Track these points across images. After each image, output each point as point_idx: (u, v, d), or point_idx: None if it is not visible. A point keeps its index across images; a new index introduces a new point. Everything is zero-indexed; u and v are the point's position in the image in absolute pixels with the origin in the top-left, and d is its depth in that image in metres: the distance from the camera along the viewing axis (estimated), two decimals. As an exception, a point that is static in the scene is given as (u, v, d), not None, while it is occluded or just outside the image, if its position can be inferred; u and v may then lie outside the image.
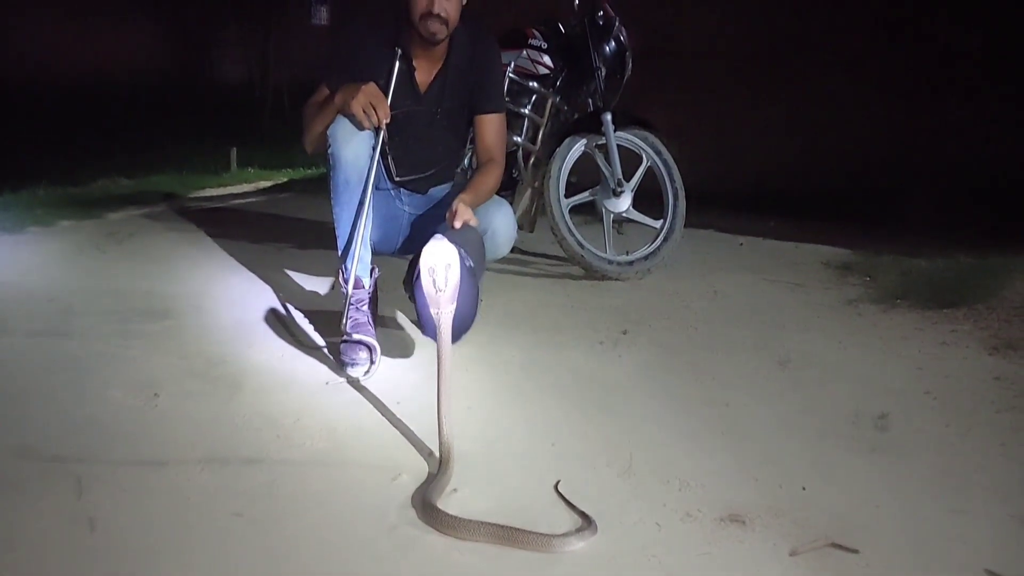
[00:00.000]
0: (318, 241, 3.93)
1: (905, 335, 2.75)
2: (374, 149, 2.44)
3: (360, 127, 2.41)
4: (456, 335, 2.03)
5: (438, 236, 1.89)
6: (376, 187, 2.50)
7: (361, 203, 2.45)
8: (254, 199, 5.86)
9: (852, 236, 4.19)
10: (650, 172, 3.62)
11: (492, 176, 2.59)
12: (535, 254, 3.88)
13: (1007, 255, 3.43)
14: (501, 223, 2.54)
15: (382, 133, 2.45)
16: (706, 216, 4.27)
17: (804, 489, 1.73)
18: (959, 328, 2.79)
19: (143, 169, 6.73)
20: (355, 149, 2.43)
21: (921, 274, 3.40)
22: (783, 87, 5.40)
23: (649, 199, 3.61)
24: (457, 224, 2.26)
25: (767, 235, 4.38)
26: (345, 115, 2.43)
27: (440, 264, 1.83)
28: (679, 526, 1.60)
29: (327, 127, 2.46)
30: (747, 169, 5.49)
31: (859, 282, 3.42)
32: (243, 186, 6.54)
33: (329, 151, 2.45)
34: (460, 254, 1.90)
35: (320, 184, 6.05)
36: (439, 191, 2.77)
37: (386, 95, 2.47)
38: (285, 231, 4.41)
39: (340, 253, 2.51)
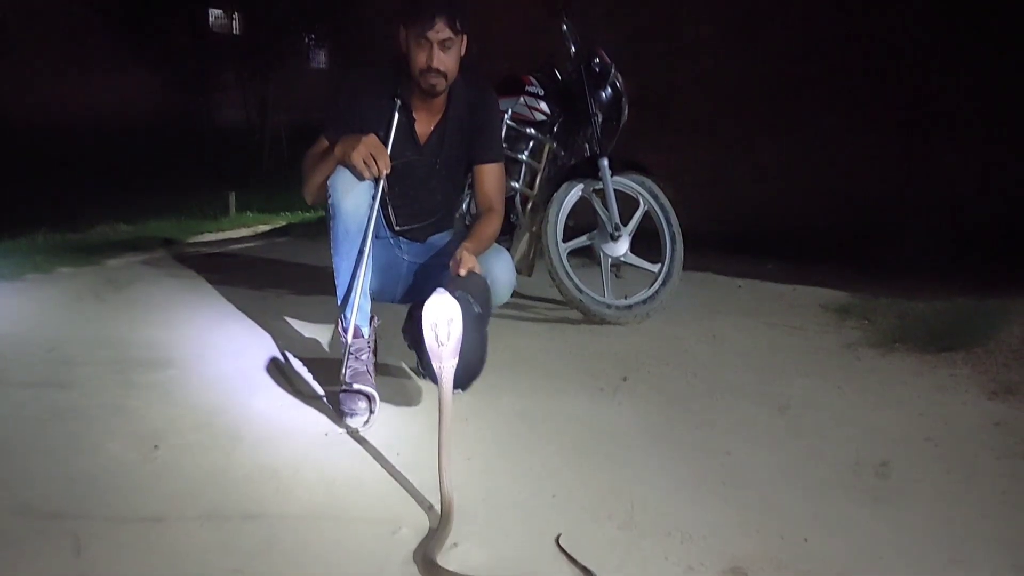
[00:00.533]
0: (317, 287, 3.94)
1: (904, 380, 2.75)
2: (374, 199, 2.46)
3: (360, 178, 2.43)
4: (466, 382, 2.04)
5: (440, 290, 1.90)
6: (375, 236, 2.51)
7: (361, 252, 2.46)
8: (253, 244, 5.88)
9: (849, 278, 4.20)
10: (647, 216, 3.64)
11: (492, 224, 2.61)
12: (533, 298, 3.89)
13: (1004, 298, 3.44)
14: (500, 270, 2.55)
15: (382, 183, 2.47)
16: (703, 258, 4.28)
17: (806, 540, 1.72)
18: (958, 372, 2.79)
19: (142, 214, 6.76)
20: (355, 199, 2.45)
21: (919, 317, 3.40)
22: (778, 129, 5.44)
23: (646, 243, 3.63)
24: (462, 272, 2.26)
25: (765, 277, 4.39)
26: (345, 166, 2.45)
27: (442, 318, 1.84)
28: (681, 580, 1.59)
29: (327, 178, 2.49)
30: (743, 211, 5.51)
31: (857, 325, 3.43)
32: (241, 230, 6.57)
33: (329, 201, 2.47)
34: (465, 304, 1.91)
35: (318, 228, 6.10)
36: (438, 239, 2.78)
37: (386, 146, 2.49)
38: (284, 277, 4.42)
39: (340, 302, 2.52)
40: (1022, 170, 4.62)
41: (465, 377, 2.04)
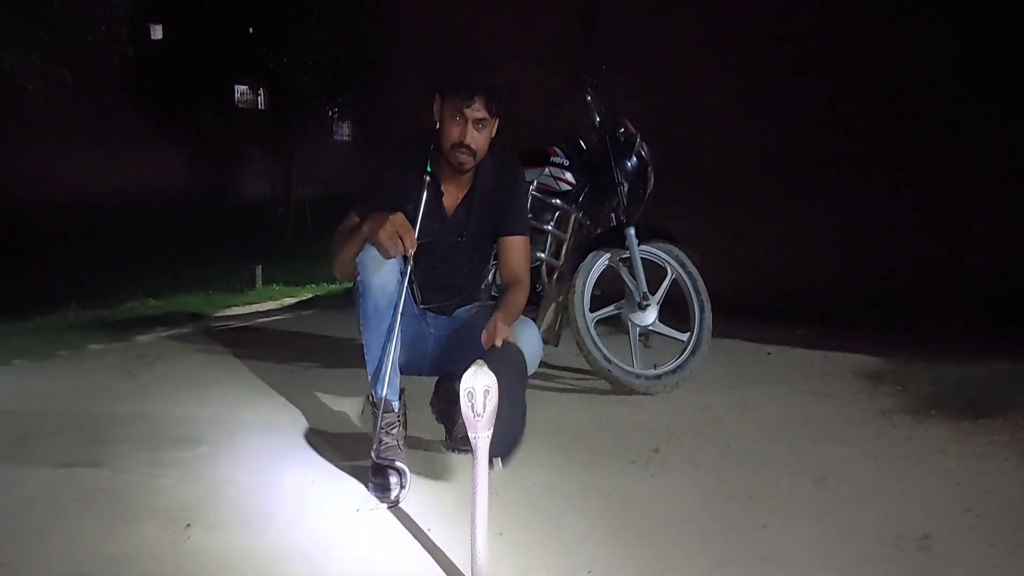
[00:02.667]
0: (344, 359, 3.97)
1: (942, 448, 2.71)
2: (403, 276, 2.48)
3: (387, 256, 2.46)
4: (506, 452, 2.04)
5: (479, 361, 1.90)
6: (403, 313, 2.53)
7: (390, 329, 2.48)
8: (279, 316, 5.94)
9: (880, 343, 4.16)
10: (675, 284, 3.64)
11: (520, 295, 2.62)
12: (561, 368, 3.88)
13: (1040, 363, 3.40)
14: (528, 341, 2.55)
15: (410, 261, 2.49)
16: (730, 325, 4.25)
17: (848, 620, 1.68)
18: (996, 439, 2.74)
19: (170, 289, 6.87)
20: (384, 277, 2.47)
21: (953, 382, 3.36)
22: (801, 195, 5.45)
23: (674, 311, 3.63)
24: (497, 342, 2.26)
25: (795, 344, 4.36)
26: (373, 243, 2.48)
27: (479, 389, 1.85)
28: (721, 663, 1.55)
29: (356, 254, 2.52)
30: (769, 277, 5.50)
31: (891, 392, 3.38)
32: (268, 304, 6.64)
33: (359, 279, 2.50)
34: (501, 376, 1.91)
35: (343, 299, 6.17)
36: (464, 312, 2.80)
37: (414, 222, 2.52)
38: (311, 350, 4.45)
39: (370, 377, 2.53)
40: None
41: (505, 447, 2.04)
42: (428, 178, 2.61)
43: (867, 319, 4.77)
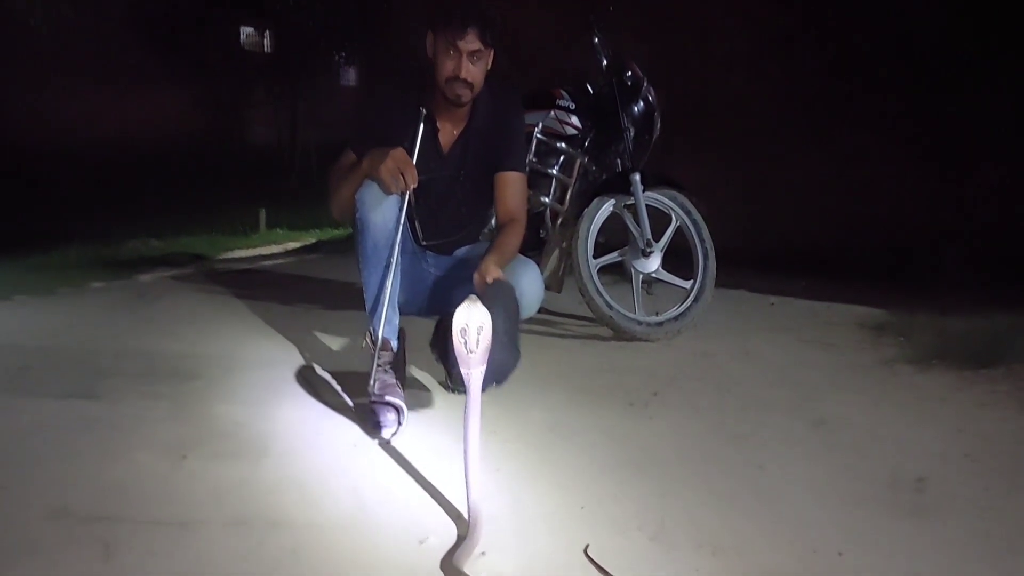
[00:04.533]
0: (346, 302, 3.95)
1: (943, 396, 2.69)
2: (401, 212, 2.45)
3: (388, 192, 2.43)
4: (501, 376, 2.03)
5: (472, 297, 1.88)
6: (402, 250, 2.51)
7: (388, 266, 2.46)
8: (282, 260, 5.93)
9: (885, 296, 4.14)
10: (679, 232, 3.61)
11: (515, 235, 2.59)
12: (562, 315, 3.87)
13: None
14: (528, 283, 2.53)
15: (408, 196, 2.46)
16: (735, 275, 4.24)
17: (841, 555, 1.68)
18: (998, 389, 2.73)
19: (173, 230, 6.84)
20: (383, 214, 2.45)
21: (956, 334, 3.34)
22: (812, 147, 5.40)
23: (678, 259, 3.60)
24: (488, 280, 2.24)
25: (799, 295, 4.34)
26: (373, 180, 2.45)
27: (472, 325, 1.82)
28: (713, 594, 1.55)
29: (354, 192, 2.49)
30: (776, 229, 5.47)
31: (894, 342, 3.37)
32: (272, 247, 6.63)
33: (357, 216, 2.47)
34: (495, 312, 1.89)
35: (347, 245, 6.12)
36: (465, 252, 2.78)
37: (412, 158, 2.48)
38: (313, 293, 4.45)
39: (368, 315, 2.52)
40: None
41: (499, 373, 2.02)
42: (424, 111, 2.57)
43: (872, 271, 4.74)
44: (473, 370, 1.83)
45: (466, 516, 1.82)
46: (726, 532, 1.78)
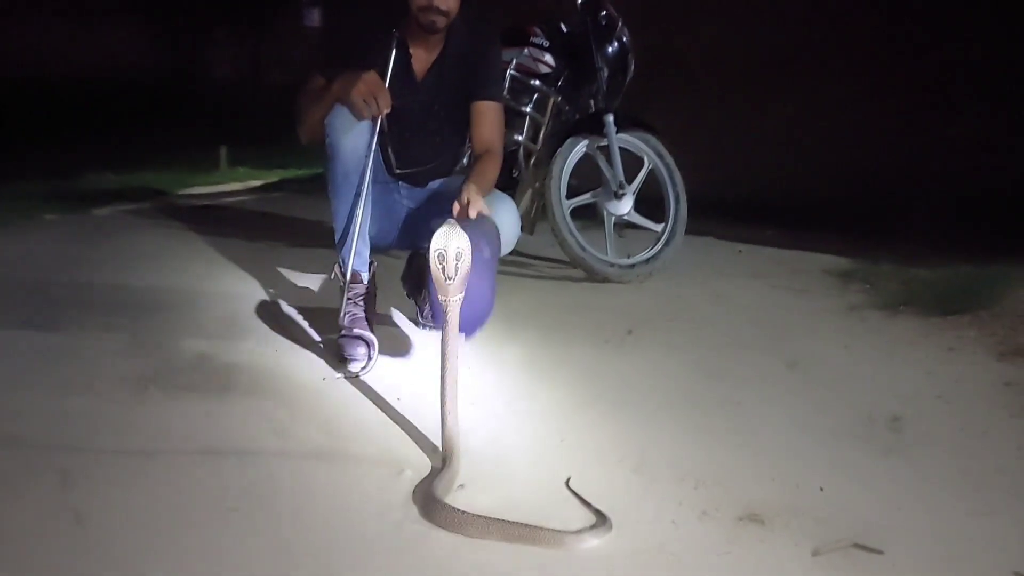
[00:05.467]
0: (312, 240, 3.86)
1: (911, 340, 2.70)
2: (372, 139, 2.37)
3: (359, 117, 2.34)
4: (471, 328, 1.96)
5: (450, 221, 1.81)
6: (374, 180, 2.42)
7: (359, 195, 2.38)
8: (245, 198, 5.79)
9: (851, 245, 4.14)
10: (651, 176, 3.57)
11: (492, 166, 2.51)
12: (534, 257, 3.81)
13: (1007, 264, 3.39)
14: (506, 219, 2.47)
15: (381, 123, 2.37)
16: (703, 224, 4.21)
17: (822, 489, 1.67)
18: (964, 335, 2.74)
19: (130, 166, 6.61)
20: (354, 140, 2.36)
21: (922, 282, 3.35)
22: (782, 97, 5.37)
23: (649, 204, 3.56)
24: (472, 214, 2.18)
25: (766, 243, 4.32)
26: (344, 104, 2.36)
27: (450, 250, 1.76)
28: (696, 525, 1.53)
29: (324, 116, 2.39)
30: (744, 177, 5.44)
31: (860, 289, 3.37)
32: (233, 185, 6.45)
33: (327, 142, 2.38)
34: (475, 241, 1.82)
35: (313, 184, 6.00)
36: (439, 184, 2.69)
37: (384, 83, 2.39)
38: (278, 230, 4.34)
39: (337, 246, 2.44)
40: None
41: (470, 322, 1.95)
42: (396, 32, 2.47)
43: (838, 222, 4.75)
44: (451, 298, 1.77)
45: (442, 449, 1.78)
46: (707, 466, 1.76)
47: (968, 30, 4.72)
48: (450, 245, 1.75)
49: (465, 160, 3.14)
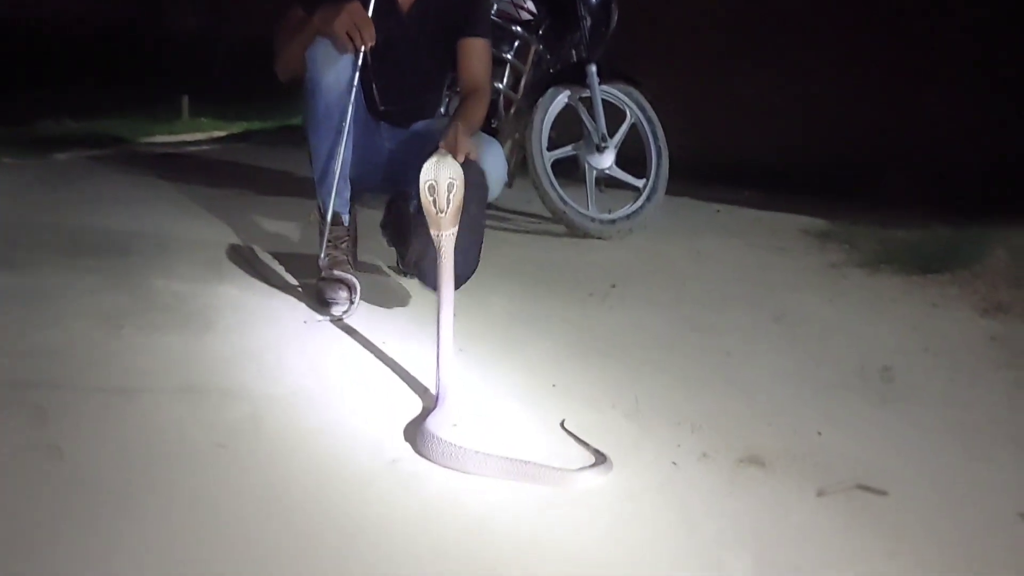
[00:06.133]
0: (281, 189, 3.76)
1: (894, 297, 2.70)
2: (355, 73, 2.28)
3: (342, 50, 2.25)
4: (457, 278, 1.88)
5: (440, 151, 1.74)
6: (356, 119, 2.33)
7: (340, 132, 2.29)
8: (209, 147, 5.63)
9: (827, 208, 4.13)
10: (633, 131, 3.52)
11: (480, 104, 2.43)
12: (512, 211, 3.75)
13: (984, 227, 3.40)
14: (492, 162, 2.39)
15: (365, 57, 2.28)
16: (680, 185, 4.17)
17: (820, 435, 1.65)
18: (946, 292, 2.74)
19: (89, 114, 6.38)
20: (336, 74, 2.26)
21: (901, 243, 3.35)
22: (759, 60, 5.33)
23: (629, 160, 3.52)
24: (459, 159, 2.11)
25: (743, 204, 4.31)
26: (326, 37, 2.26)
27: (442, 181, 1.69)
28: (697, 466, 1.51)
29: (304, 50, 2.29)
30: (718, 141, 5.41)
31: (839, 249, 3.36)
32: (196, 135, 6.26)
33: (307, 76, 2.28)
34: (467, 170, 1.75)
35: (278, 135, 5.87)
36: (422, 126, 2.61)
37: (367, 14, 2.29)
38: (245, 179, 4.22)
39: (317, 186, 2.36)
40: (1005, 114, 4.58)
41: (458, 274, 1.87)
42: None
43: (813, 186, 4.75)
44: (444, 232, 1.71)
45: (434, 390, 1.73)
46: (702, 412, 1.73)
47: (950, 4, 4.72)
48: (441, 175, 1.69)
49: (444, 109, 3.07)
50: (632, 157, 3.53)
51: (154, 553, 1.17)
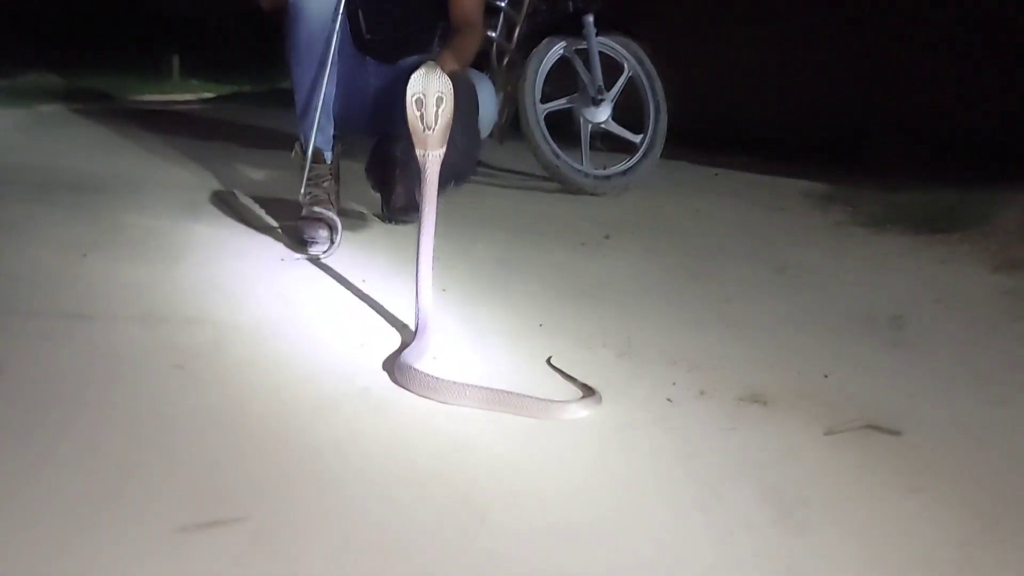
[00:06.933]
0: (267, 143, 3.63)
1: (902, 253, 2.59)
2: (340, 1, 2.15)
3: None
4: (456, 178, 1.75)
5: (429, 63, 1.62)
6: (340, 52, 2.21)
7: (323, 64, 2.17)
8: (197, 106, 5.49)
9: (828, 172, 4.03)
10: (630, 84, 3.40)
11: (471, 38, 2.31)
12: (503, 169, 3.63)
13: (991, 190, 3.29)
14: (483, 100, 2.29)
15: None
16: (676, 149, 4.04)
17: (826, 377, 1.54)
18: (956, 249, 2.63)
19: (77, 71, 6.23)
20: (320, 0, 2.14)
21: (906, 204, 3.23)
22: (754, 23, 5.20)
23: (625, 115, 3.40)
24: (446, 69, 1.98)
25: (741, 168, 4.20)
26: None
27: (430, 95, 1.56)
28: (694, 403, 1.39)
29: None
30: (714, 108, 5.28)
31: (843, 210, 3.24)
32: (186, 95, 6.13)
33: (289, 1, 2.16)
34: (457, 84, 1.63)
35: (268, 96, 5.72)
36: (409, 63, 2.47)
37: None
38: (231, 134, 4.10)
39: (299, 120, 2.24)
40: (1004, 81, 4.46)
41: (458, 174, 1.76)
42: None
43: (814, 151, 4.63)
44: (430, 152, 1.59)
45: (412, 326, 1.61)
46: (700, 352, 1.61)
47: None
48: (429, 88, 1.56)
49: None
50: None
51: (90, 463, 1.06)
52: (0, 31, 7.20)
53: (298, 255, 2.08)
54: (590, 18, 3.27)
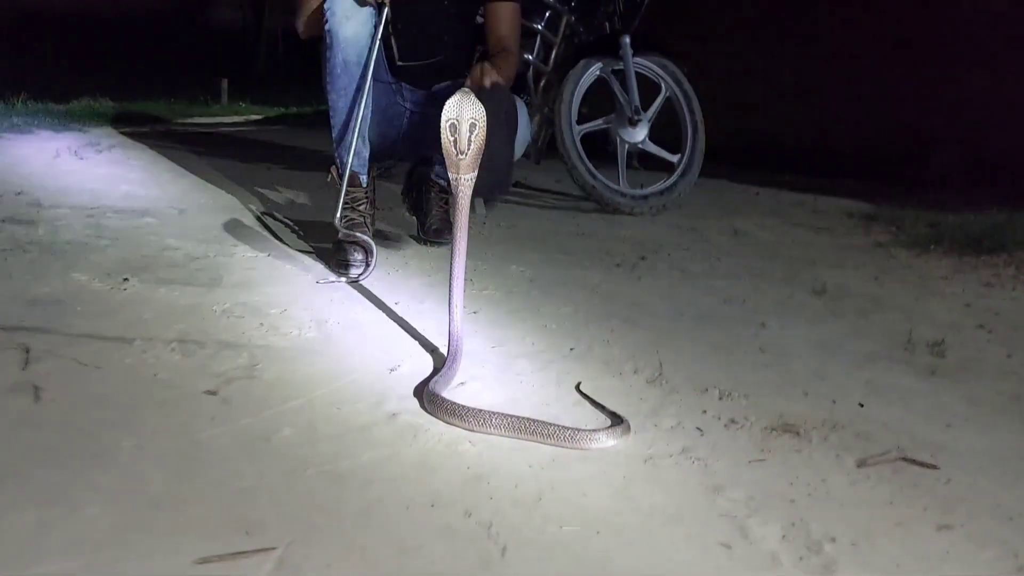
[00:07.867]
0: (311, 165, 3.68)
1: (945, 276, 2.54)
2: (377, 28, 2.18)
3: (362, 3, 2.16)
4: (489, 193, 1.76)
5: (464, 88, 1.63)
6: (375, 78, 2.24)
7: (359, 89, 2.20)
8: (245, 128, 5.59)
9: (872, 192, 3.98)
10: (667, 104, 3.39)
11: (507, 63, 2.32)
12: (540, 190, 3.64)
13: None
14: (519, 118, 2.29)
15: (386, 11, 2.18)
16: (716, 167, 4.02)
17: (862, 406, 1.51)
18: (1001, 272, 2.58)
19: (129, 95, 6.40)
20: (355, 27, 2.17)
21: (950, 225, 3.18)
22: (799, 41, 5.16)
23: (663, 134, 3.38)
24: (486, 83, 1.99)
25: (783, 187, 4.16)
26: None
27: (464, 121, 1.58)
28: (724, 432, 1.38)
29: (323, 2, 2.20)
30: (758, 125, 5.25)
31: (886, 230, 3.21)
32: (233, 117, 6.25)
33: (326, 28, 2.19)
34: (492, 108, 1.64)
35: (315, 118, 5.80)
36: (443, 89, 2.49)
37: None
38: (275, 155, 4.17)
39: (335, 144, 2.27)
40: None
41: (491, 189, 1.76)
42: None
43: (857, 171, 4.58)
44: (463, 176, 1.60)
45: (443, 349, 1.62)
46: (732, 380, 1.60)
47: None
48: (463, 114, 1.58)
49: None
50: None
51: (122, 492, 1.08)
52: (56, 58, 7.42)
53: (334, 278, 2.10)
54: (626, 39, 3.27)
